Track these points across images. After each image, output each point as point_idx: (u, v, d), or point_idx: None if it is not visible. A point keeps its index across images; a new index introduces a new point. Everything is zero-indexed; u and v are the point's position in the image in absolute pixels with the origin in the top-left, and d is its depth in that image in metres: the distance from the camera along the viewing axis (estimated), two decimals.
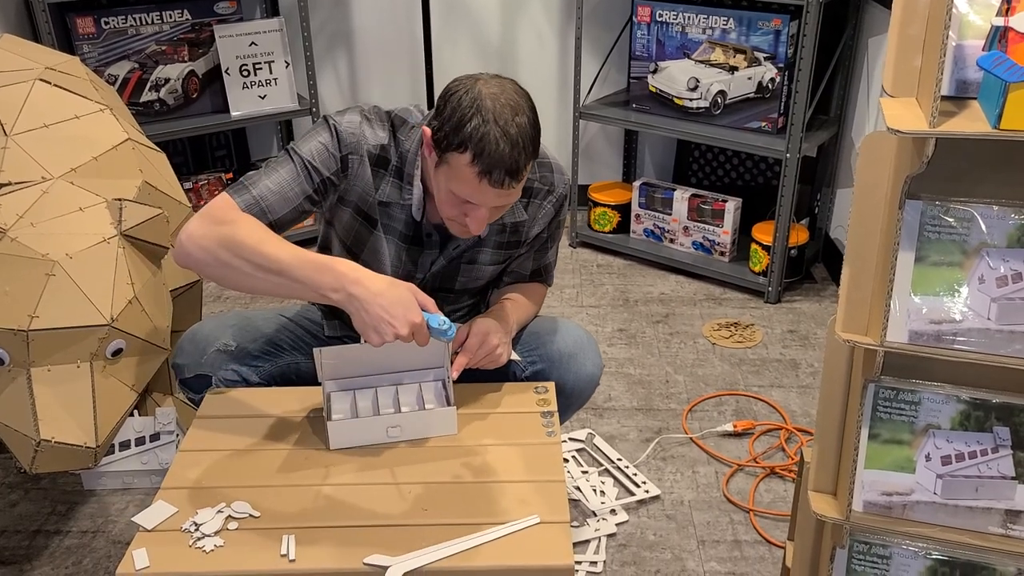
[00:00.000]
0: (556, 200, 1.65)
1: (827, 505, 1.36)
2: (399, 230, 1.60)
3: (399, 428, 1.46)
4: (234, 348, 1.61)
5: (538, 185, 1.62)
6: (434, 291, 1.65)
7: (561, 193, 1.65)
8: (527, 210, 1.63)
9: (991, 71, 1.00)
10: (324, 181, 1.52)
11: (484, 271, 1.68)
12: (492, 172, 1.35)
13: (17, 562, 1.93)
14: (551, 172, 1.63)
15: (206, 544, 1.25)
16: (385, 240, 1.60)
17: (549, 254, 1.75)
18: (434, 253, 1.62)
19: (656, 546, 1.96)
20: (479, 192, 1.39)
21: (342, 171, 1.53)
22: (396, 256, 1.62)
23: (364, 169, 1.53)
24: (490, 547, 1.25)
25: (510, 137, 1.35)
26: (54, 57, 2.04)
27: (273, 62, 3.10)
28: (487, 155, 1.34)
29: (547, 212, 1.65)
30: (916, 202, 1.15)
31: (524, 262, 1.73)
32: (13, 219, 1.68)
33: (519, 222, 1.63)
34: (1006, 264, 1.15)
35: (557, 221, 1.69)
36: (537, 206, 1.64)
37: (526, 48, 3.41)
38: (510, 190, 1.39)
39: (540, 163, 1.62)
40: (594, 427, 2.34)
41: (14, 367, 1.62)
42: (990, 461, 1.25)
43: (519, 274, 1.74)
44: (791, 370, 2.59)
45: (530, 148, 1.38)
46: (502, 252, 1.67)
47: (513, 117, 1.36)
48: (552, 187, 1.64)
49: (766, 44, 2.77)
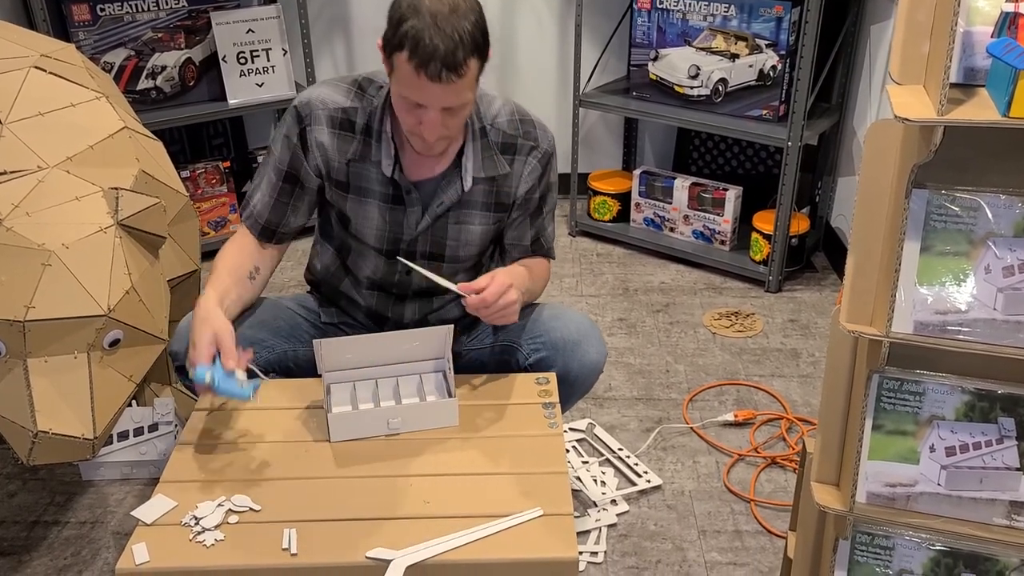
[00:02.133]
0: (542, 156, 1.64)
1: (830, 496, 1.35)
2: (378, 191, 1.60)
3: (400, 420, 1.45)
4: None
5: (521, 141, 1.62)
6: (425, 259, 1.66)
7: (546, 150, 1.65)
8: (511, 166, 1.63)
9: (1001, 58, 0.99)
10: (291, 169, 1.61)
11: (473, 234, 1.66)
12: (428, 65, 1.36)
13: (16, 553, 1.93)
14: (534, 128, 1.64)
15: (206, 538, 1.24)
16: (365, 203, 1.62)
17: (546, 222, 1.73)
18: (417, 212, 1.62)
19: (657, 536, 1.96)
20: (421, 89, 1.40)
21: (302, 149, 1.59)
22: (380, 218, 1.63)
23: (323, 134, 1.58)
24: (493, 540, 1.24)
25: (444, 31, 1.36)
26: (49, 44, 2.02)
27: (270, 49, 3.08)
28: (422, 49, 1.36)
29: (533, 168, 1.64)
30: (922, 191, 1.14)
31: (522, 229, 1.71)
32: (9, 208, 1.67)
33: (503, 175, 1.62)
34: (1013, 254, 1.13)
35: (547, 182, 1.68)
36: (522, 162, 1.63)
37: (526, 35, 3.39)
38: (450, 84, 1.39)
39: (522, 120, 1.63)
40: (594, 417, 2.34)
41: (11, 358, 1.61)
42: (995, 452, 1.24)
43: (521, 246, 1.72)
44: (792, 359, 2.58)
45: (469, 43, 1.39)
46: (491, 215, 1.65)
47: (449, 14, 1.38)
48: (536, 142, 1.63)
49: (767, 31, 2.75)
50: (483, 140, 1.60)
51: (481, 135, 1.60)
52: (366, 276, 1.71)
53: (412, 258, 1.65)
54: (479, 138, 1.60)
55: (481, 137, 1.60)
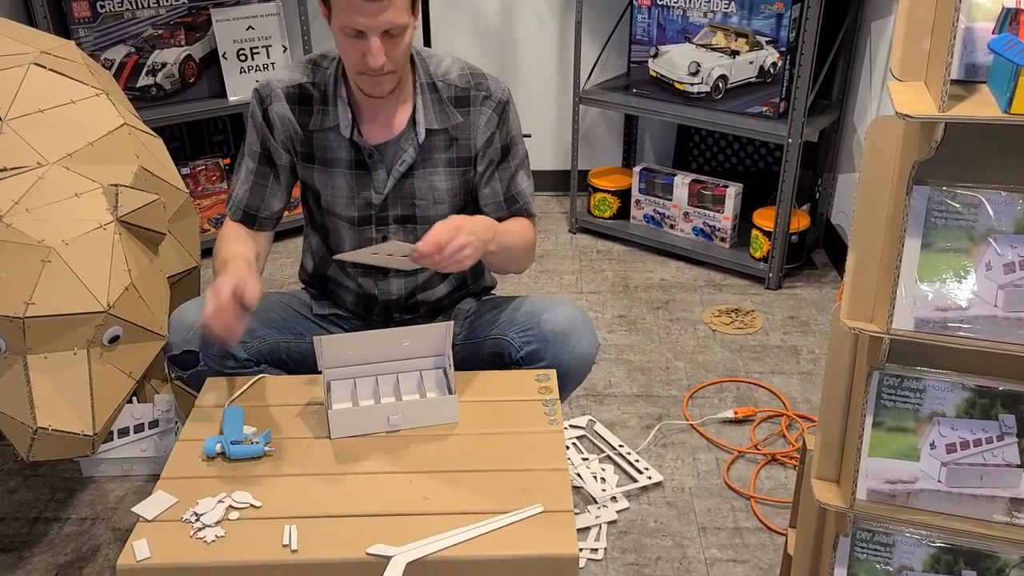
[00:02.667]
0: (495, 104, 1.66)
1: (830, 493, 1.35)
2: (342, 158, 1.65)
3: (400, 417, 1.45)
4: None
5: (473, 92, 1.65)
6: (399, 223, 1.69)
7: (500, 98, 1.67)
8: (467, 117, 1.66)
9: (1002, 54, 0.99)
10: (262, 149, 1.68)
11: (440, 190, 1.68)
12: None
13: (16, 549, 1.93)
14: (485, 79, 1.67)
15: (207, 534, 1.24)
16: (331, 173, 1.66)
17: (519, 178, 1.73)
18: (382, 174, 1.65)
19: (657, 533, 1.96)
20: (357, 12, 1.44)
21: (267, 126, 1.66)
22: (348, 187, 1.67)
23: (284, 111, 1.64)
24: (494, 536, 1.24)
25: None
26: (49, 41, 2.02)
27: (271, 46, 3.08)
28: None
29: (489, 118, 1.66)
30: (923, 188, 1.14)
31: (493, 184, 1.71)
32: (8, 205, 1.66)
33: (458, 126, 1.65)
34: (1013, 250, 1.13)
35: (507, 131, 1.69)
36: (476, 112, 1.66)
37: (526, 32, 3.39)
38: (384, 1, 1.43)
39: (473, 73, 1.66)
40: (594, 414, 2.34)
41: (10, 354, 1.61)
42: (995, 449, 1.24)
43: (495, 203, 1.72)
44: (792, 356, 2.58)
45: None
46: (455, 169, 1.68)
47: None
48: (489, 92, 1.66)
49: (768, 28, 2.75)
50: (434, 94, 1.64)
51: (431, 89, 1.64)
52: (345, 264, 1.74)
53: (385, 222, 1.69)
54: (429, 92, 1.63)
55: (431, 91, 1.64)
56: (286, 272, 3.03)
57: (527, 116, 3.49)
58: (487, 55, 3.42)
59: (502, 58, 3.43)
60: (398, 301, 1.76)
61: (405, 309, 1.78)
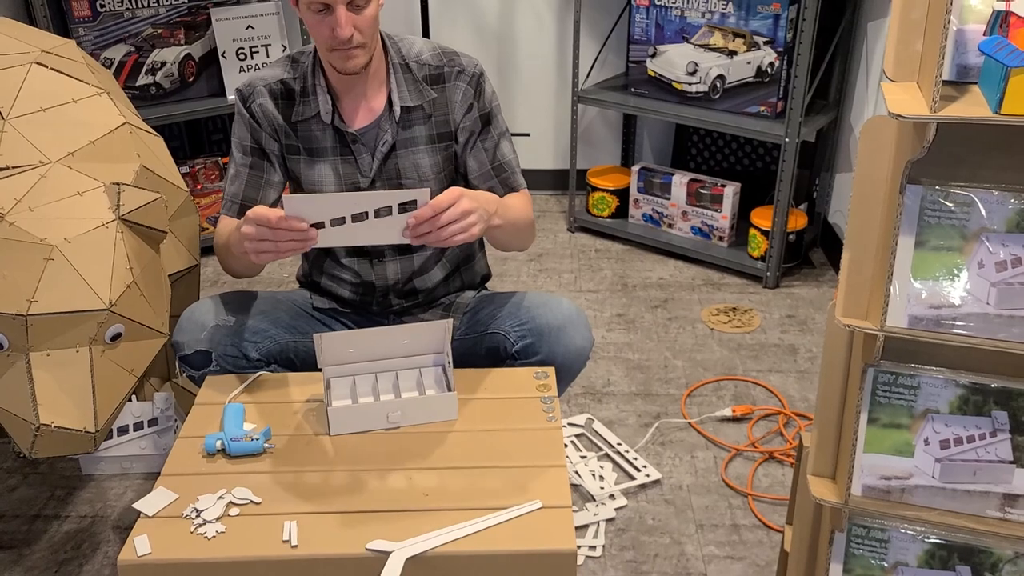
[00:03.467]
0: (469, 77, 1.69)
1: (826, 489, 1.37)
2: (326, 147, 1.69)
3: (399, 414, 1.46)
4: (233, 323, 1.63)
5: (447, 69, 1.69)
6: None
7: (473, 72, 1.70)
8: (442, 93, 1.69)
9: (992, 56, 1.00)
10: (253, 142, 1.71)
11: (424, 167, 1.71)
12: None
13: (16, 546, 1.94)
14: (457, 56, 1.71)
15: (207, 530, 1.25)
16: (317, 163, 1.70)
17: (503, 148, 1.74)
18: (366, 157, 1.69)
19: (655, 530, 1.97)
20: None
21: (254, 121, 1.70)
22: (334, 174, 1.70)
23: (267, 106, 1.69)
24: (492, 532, 1.25)
25: None
26: (50, 40, 2.03)
27: (270, 45, 3.09)
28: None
29: (464, 91, 1.69)
30: (916, 187, 1.15)
31: (478, 156, 1.72)
32: (11, 203, 1.67)
33: (434, 102, 1.68)
34: (1005, 249, 1.15)
35: (485, 102, 1.71)
36: (451, 88, 1.69)
37: (524, 31, 3.40)
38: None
39: (444, 52, 1.70)
40: (593, 412, 2.35)
41: (13, 352, 1.62)
42: (988, 445, 1.25)
43: (484, 174, 1.72)
44: (789, 355, 2.59)
45: None
46: (437, 146, 1.71)
47: None
48: (462, 68, 1.69)
49: (765, 28, 2.76)
50: (407, 75, 1.68)
51: (404, 69, 1.68)
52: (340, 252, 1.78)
53: None
54: (402, 71, 1.68)
55: (404, 71, 1.68)
56: (285, 271, 3.04)
57: (526, 115, 3.50)
58: (486, 54, 3.43)
59: (501, 57, 3.44)
60: (395, 286, 1.79)
61: (403, 295, 1.80)
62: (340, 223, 1.40)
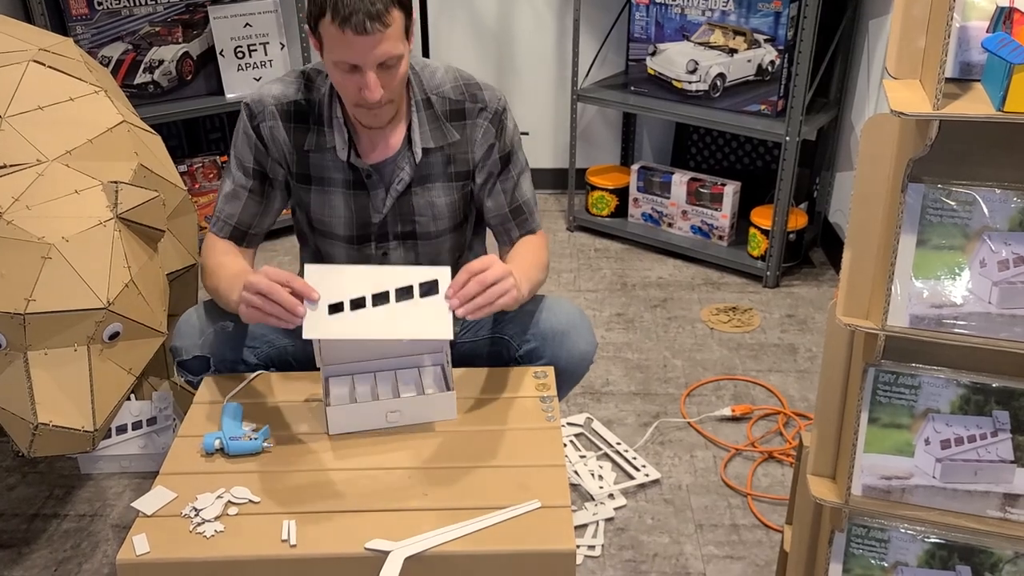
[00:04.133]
0: (492, 115, 1.64)
1: (826, 489, 1.36)
2: (339, 178, 1.62)
3: (398, 413, 1.46)
4: (232, 329, 1.62)
5: (469, 104, 1.62)
6: (398, 239, 1.67)
7: (496, 108, 1.64)
8: (462, 131, 1.63)
9: (996, 53, 0.99)
10: (257, 165, 1.63)
11: (440, 206, 1.66)
12: (351, 19, 1.37)
13: (15, 545, 1.93)
14: (480, 90, 1.64)
15: (206, 529, 1.25)
16: (328, 193, 1.64)
17: (522, 187, 1.71)
18: (380, 193, 1.63)
19: (654, 530, 1.96)
20: (350, 47, 1.41)
21: (261, 144, 1.62)
22: (346, 207, 1.64)
23: (277, 130, 1.60)
24: (491, 532, 1.25)
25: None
26: (48, 38, 2.02)
27: (268, 43, 3.08)
28: (341, 6, 1.38)
29: (486, 130, 1.64)
30: (918, 185, 1.14)
31: (496, 197, 1.69)
32: (9, 202, 1.67)
33: (453, 143, 1.62)
34: (1008, 248, 1.14)
35: (506, 141, 1.66)
36: (472, 126, 1.63)
37: (523, 29, 3.39)
38: (377, 34, 1.39)
39: (467, 84, 1.63)
40: (592, 411, 2.34)
41: (11, 351, 1.61)
42: (989, 445, 1.25)
43: (501, 215, 1.70)
44: (789, 355, 2.59)
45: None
46: (453, 184, 1.66)
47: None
48: (485, 104, 1.63)
49: (766, 26, 2.76)
50: (428, 111, 1.61)
51: (426, 105, 1.61)
52: None
53: (385, 239, 1.67)
54: (423, 109, 1.61)
55: (426, 108, 1.61)
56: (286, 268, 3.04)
57: (525, 114, 3.49)
58: (485, 53, 3.42)
59: (500, 56, 3.43)
60: None
61: None
62: (360, 305, 1.41)
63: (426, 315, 1.41)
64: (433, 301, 1.42)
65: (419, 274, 1.44)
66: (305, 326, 1.38)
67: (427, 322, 1.41)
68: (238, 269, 1.58)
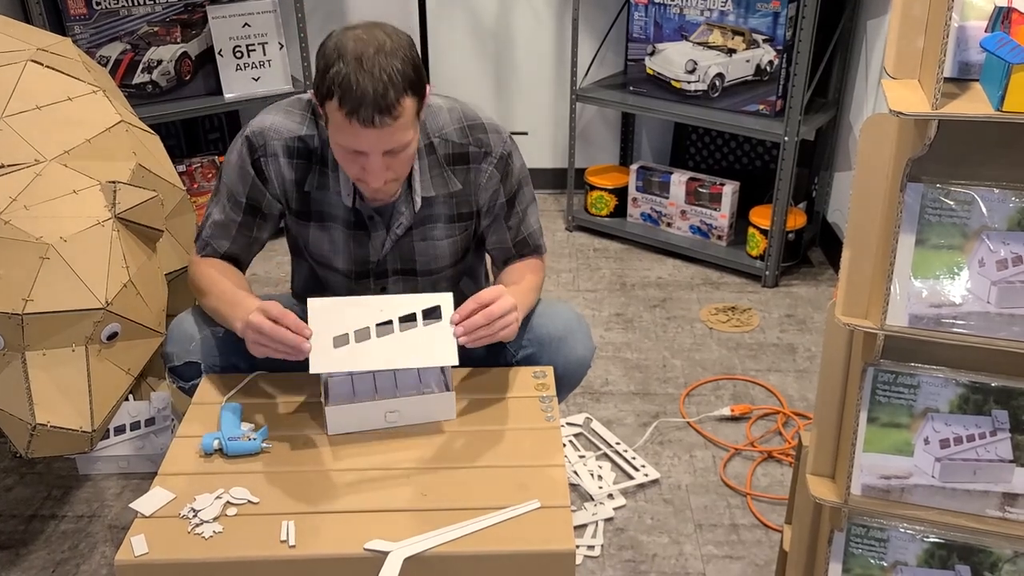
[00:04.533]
0: (497, 161, 1.58)
1: (826, 488, 1.36)
2: (340, 216, 1.58)
3: (398, 413, 1.45)
4: (223, 334, 1.61)
5: (473, 150, 1.57)
6: (398, 275, 1.66)
7: (501, 152, 1.58)
8: (466, 176, 1.58)
9: (994, 52, 0.99)
10: (250, 200, 1.58)
11: (441, 247, 1.63)
12: (359, 111, 1.33)
13: (13, 546, 1.93)
14: (485, 134, 1.57)
15: (205, 530, 1.25)
16: (329, 229, 1.59)
17: (528, 220, 1.68)
18: (381, 235, 1.60)
19: (653, 530, 1.96)
20: (356, 136, 1.36)
21: (259, 179, 1.56)
22: (345, 244, 1.61)
23: (280, 166, 1.55)
24: (491, 532, 1.25)
25: (372, 74, 1.32)
26: (46, 38, 2.02)
27: (267, 43, 3.08)
28: (350, 95, 1.32)
29: (490, 175, 1.59)
30: (917, 185, 1.14)
31: (500, 233, 1.67)
32: (6, 202, 1.67)
33: (455, 192, 1.59)
34: (1006, 247, 1.14)
35: (512, 183, 1.62)
36: (476, 171, 1.58)
37: (522, 29, 3.39)
38: (385, 128, 1.35)
39: (472, 126, 1.57)
40: (591, 411, 2.34)
41: (9, 351, 1.61)
42: (988, 444, 1.25)
43: (503, 248, 1.69)
44: (788, 354, 2.59)
45: (400, 82, 1.34)
46: (456, 226, 1.63)
47: (376, 55, 1.33)
48: (489, 149, 1.57)
49: (764, 26, 2.76)
50: (431, 157, 1.55)
51: (428, 152, 1.55)
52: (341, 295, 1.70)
53: (384, 276, 1.65)
54: (426, 155, 1.55)
55: (428, 154, 1.55)
56: (283, 270, 3.03)
57: (524, 114, 3.49)
58: (484, 52, 3.42)
59: (499, 55, 3.43)
60: None
61: None
62: (364, 336, 1.42)
63: (430, 342, 1.44)
64: (437, 327, 1.45)
65: (421, 301, 1.46)
66: (311, 361, 1.40)
67: (432, 349, 1.44)
68: (233, 293, 1.54)
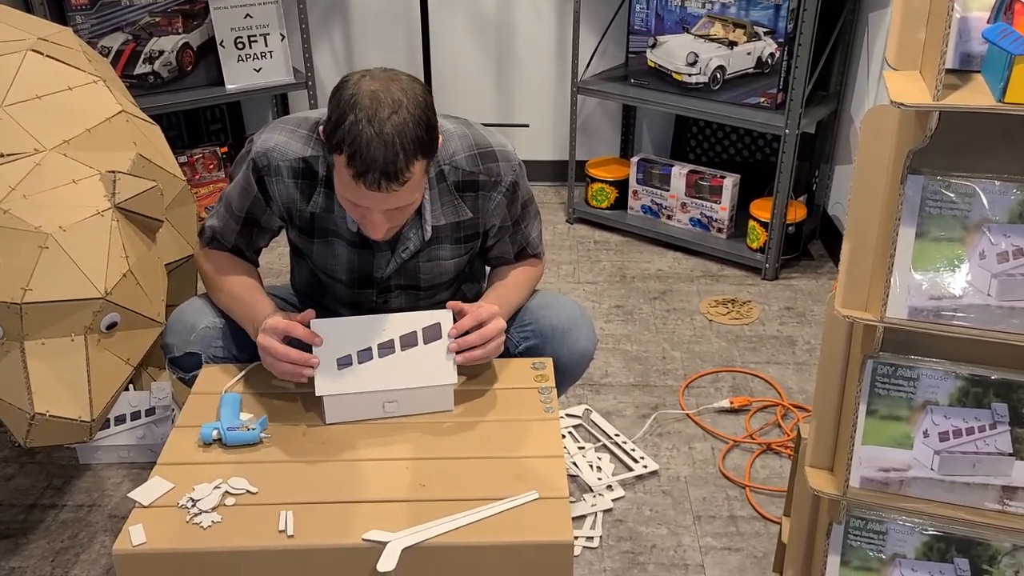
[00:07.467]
0: (505, 189, 1.57)
1: (824, 481, 1.36)
2: (345, 236, 1.57)
3: (396, 403, 1.46)
4: (222, 325, 1.61)
5: (483, 178, 1.55)
6: (401, 289, 1.65)
7: (510, 181, 1.57)
8: (475, 202, 1.57)
9: (996, 43, 0.99)
10: (250, 215, 1.60)
11: (446, 266, 1.63)
12: (366, 175, 1.30)
13: (13, 535, 1.94)
14: (495, 162, 1.55)
15: (203, 520, 1.25)
16: (333, 243, 1.59)
17: (529, 233, 1.69)
18: (386, 255, 1.59)
19: (652, 522, 1.97)
20: (361, 195, 1.35)
21: (262, 196, 1.56)
22: (349, 260, 1.60)
23: (285, 186, 1.53)
24: (489, 523, 1.25)
25: (384, 137, 1.28)
26: (46, 28, 2.01)
27: (268, 35, 3.07)
28: (359, 157, 1.29)
29: (499, 203, 1.57)
30: (917, 177, 1.14)
31: (503, 247, 1.68)
32: (6, 191, 1.66)
33: (464, 221, 1.58)
34: (1007, 240, 1.14)
35: (518, 207, 1.62)
36: (485, 198, 1.57)
37: (523, 21, 3.38)
38: (391, 193, 1.33)
39: (483, 154, 1.55)
40: (591, 403, 2.34)
41: (8, 340, 1.61)
42: (988, 437, 1.25)
43: (503, 258, 1.70)
44: (788, 347, 2.59)
45: (411, 147, 1.31)
46: (462, 246, 1.62)
47: (390, 116, 1.29)
48: (499, 178, 1.55)
49: (766, 18, 2.75)
50: (441, 185, 1.53)
51: (439, 179, 1.53)
52: (341, 300, 1.70)
53: (388, 291, 1.65)
54: (436, 184, 1.53)
55: (439, 182, 1.53)
56: (284, 261, 3.03)
57: (525, 106, 3.49)
58: (485, 45, 3.41)
59: (500, 47, 3.42)
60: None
61: None
62: (367, 357, 1.45)
63: (431, 361, 1.47)
64: (437, 347, 1.47)
65: (421, 319, 1.48)
66: (317, 384, 1.43)
67: (432, 369, 1.47)
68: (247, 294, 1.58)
